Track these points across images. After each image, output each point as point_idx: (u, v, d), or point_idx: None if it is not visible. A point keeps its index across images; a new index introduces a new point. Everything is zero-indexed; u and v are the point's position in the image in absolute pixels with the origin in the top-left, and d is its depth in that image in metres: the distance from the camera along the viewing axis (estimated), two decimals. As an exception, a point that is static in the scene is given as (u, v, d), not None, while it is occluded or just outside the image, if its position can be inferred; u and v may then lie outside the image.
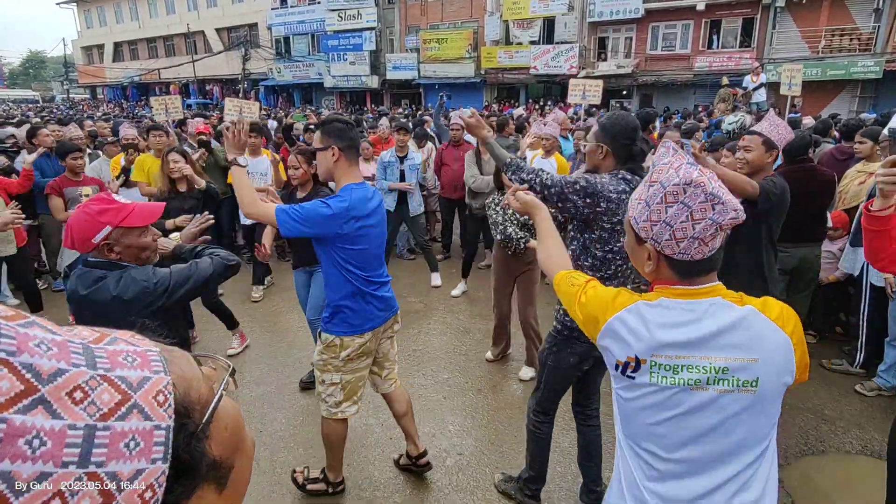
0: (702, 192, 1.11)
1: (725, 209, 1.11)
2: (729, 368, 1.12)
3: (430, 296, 5.58)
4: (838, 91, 17.98)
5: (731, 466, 1.16)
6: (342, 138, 2.27)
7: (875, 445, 3.17)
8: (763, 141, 2.92)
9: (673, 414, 1.16)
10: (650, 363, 1.15)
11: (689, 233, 1.12)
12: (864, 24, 17.46)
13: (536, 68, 21.19)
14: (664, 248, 1.16)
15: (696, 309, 1.16)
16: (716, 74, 17.61)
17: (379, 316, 2.47)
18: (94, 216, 1.80)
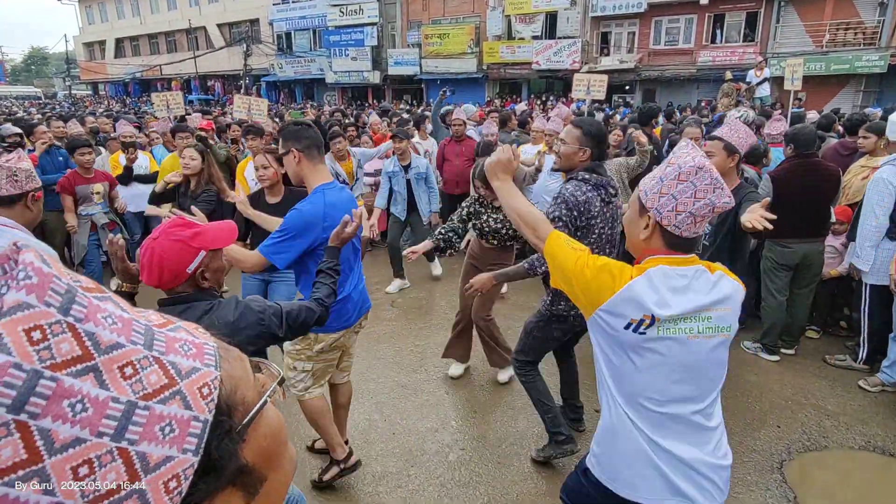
0: (709, 176, 1.35)
1: (723, 194, 1.35)
2: (712, 317, 1.41)
3: (432, 292, 5.59)
4: (842, 85, 17.88)
5: (710, 395, 1.47)
6: (299, 139, 2.30)
7: (878, 441, 3.16)
8: (724, 146, 2.95)
9: (673, 358, 1.40)
10: (662, 318, 1.35)
11: (689, 208, 1.35)
12: (868, 17, 17.34)
13: (538, 63, 21.10)
14: (663, 219, 1.38)
15: (688, 274, 1.40)
16: (719, 69, 17.50)
17: (353, 315, 2.54)
18: (188, 242, 1.56)
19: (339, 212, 2.25)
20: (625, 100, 20.16)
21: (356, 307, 2.56)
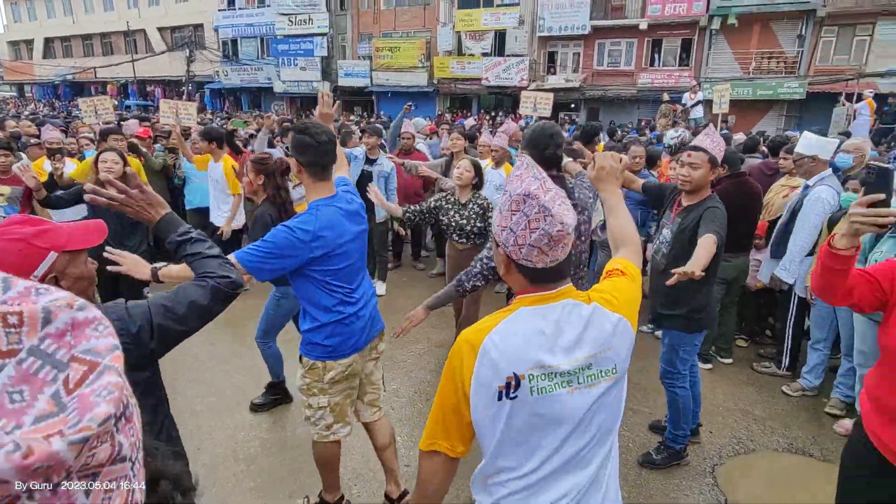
0: (536, 203, 1.18)
1: (554, 221, 1.16)
2: (593, 364, 1.23)
3: (382, 307, 5.53)
4: (767, 109, 19.22)
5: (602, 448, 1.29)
6: (304, 154, 2.15)
7: (799, 443, 3.37)
8: (709, 158, 2.79)
9: (549, 417, 1.21)
10: (528, 377, 1.18)
11: (528, 240, 1.19)
12: (789, 48, 18.79)
13: (488, 80, 21.55)
14: (511, 253, 1.23)
15: (553, 314, 1.23)
16: (657, 91, 18.43)
17: (362, 336, 2.35)
18: (30, 241, 1.27)
19: (334, 233, 2.14)
20: (570, 117, 20.85)
21: (365, 327, 2.35)
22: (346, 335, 2.27)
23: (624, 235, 1.58)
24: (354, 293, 2.29)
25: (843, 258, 1.63)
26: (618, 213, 1.63)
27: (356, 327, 2.30)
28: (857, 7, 17.50)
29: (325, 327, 2.24)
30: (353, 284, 2.29)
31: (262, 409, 3.63)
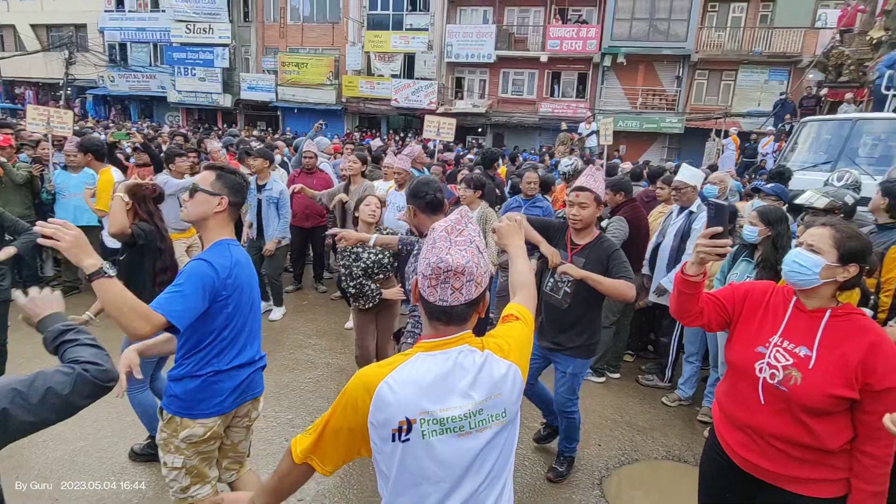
0: (432, 236, 1.29)
1: (435, 255, 1.25)
2: (483, 409, 1.27)
3: (279, 331, 5.28)
4: (653, 141, 21.16)
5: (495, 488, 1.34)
6: (237, 194, 2.11)
7: (675, 451, 3.65)
8: (595, 197, 2.93)
9: (441, 460, 1.25)
10: (420, 420, 1.22)
11: (421, 268, 1.28)
12: (669, 87, 20.90)
13: (397, 101, 21.75)
14: (419, 281, 1.29)
15: (448, 359, 1.26)
16: (557, 119, 19.66)
17: (230, 397, 2.12)
18: None
19: (245, 272, 2.09)
20: (477, 141, 21.57)
21: (237, 389, 2.13)
22: (211, 393, 2.06)
23: (522, 282, 1.69)
24: (234, 348, 2.11)
25: (693, 283, 1.84)
26: (520, 261, 1.75)
27: (224, 387, 2.09)
28: (723, 56, 19.94)
29: (189, 379, 2.05)
30: (240, 339, 2.13)
31: (144, 458, 3.17)
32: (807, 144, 8.07)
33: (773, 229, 3.31)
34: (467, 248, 1.26)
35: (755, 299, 1.92)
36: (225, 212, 2.08)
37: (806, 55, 17.96)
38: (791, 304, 1.83)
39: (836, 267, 1.70)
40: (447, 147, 9.87)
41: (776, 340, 1.79)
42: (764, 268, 3.31)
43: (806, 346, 1.72)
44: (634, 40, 20.06)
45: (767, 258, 3.29)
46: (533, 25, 21.59)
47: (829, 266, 1.70)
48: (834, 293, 1.77)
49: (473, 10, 22.05)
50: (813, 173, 6.71)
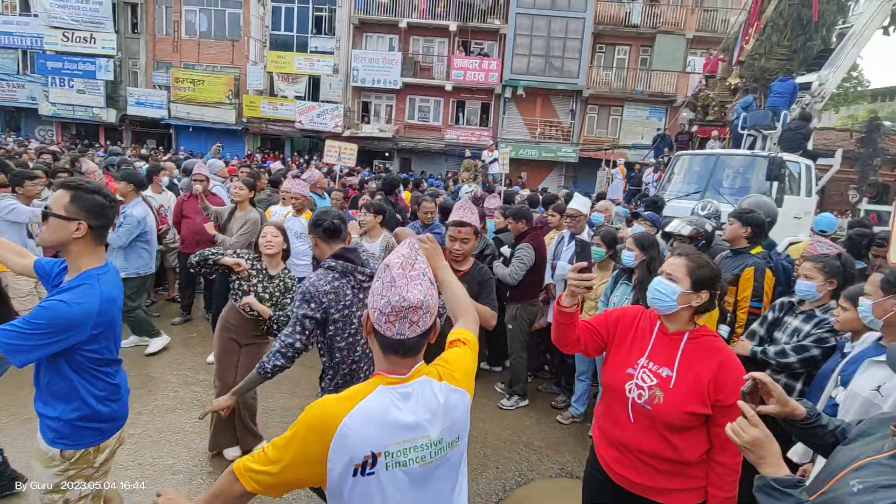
0: (388, 274, 1.30)
1: (394, 293, 1.27)
2: (443, 438, 1.33)
3: (163, 367, 4.84)
4: (551, 169, 22.46)
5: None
6: (98, 217, 1.90)
7: (569, 467, 3.79)
8: (474, 230, 3.04)
9: (403, 491, 1.28)
10: (384, 454, 1.24)
11: (378, 305, 1.29)
12: (564, 119, 22.41)
13: (302, 123, 21.31)
14: (372, 316, 1.31)
15: (409, 392, 1.30)
16: (462, 146, 20.28)
17: (126, 406, 2.17)
18: None
19: (117, 305, 1.98)
20: (384, 165, 21.65)
21: (126, 394, 2.17)
22: (118, 410, 2.09)
23: (461, 307, 1.72)
24: (117, 365, 2.11)
25: (568, 314, 1.97)
26: (453, 287, 1.78)
27: (124, 398, 2.14)
28: (610, 93, 21.80)
29: (96, 408, 1.98)
30: (116, 352, 2.09)
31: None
32: (681, 175, 8.96)
33: (647, 254, 3.62)
34: (422, 282, 1.30)
35: (626, 324, 2.06)
36: (85, 237, 1.89)
37: (679, 95, 20.11)
38: (656, 328, 1.98)
39: (690, 293, 1.88)
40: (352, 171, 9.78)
41: (643, 362, 1.93)
42: (640, 290, 3.58)
43: (668, 366, 1.87)
44: (532, 74, 21.36)
45: (643, 281, 3.57)
46: (438, 55, 22.27)
47: (684, 293, 1.87)
48: (691, 317, 1.94)
49: (379, 37, 22.33)
50: (685, 202, 7.43)
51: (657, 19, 21.33)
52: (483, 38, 22.12)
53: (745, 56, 10.35)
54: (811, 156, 8.66)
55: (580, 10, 20.87)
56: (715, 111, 10.91)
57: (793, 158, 8.00)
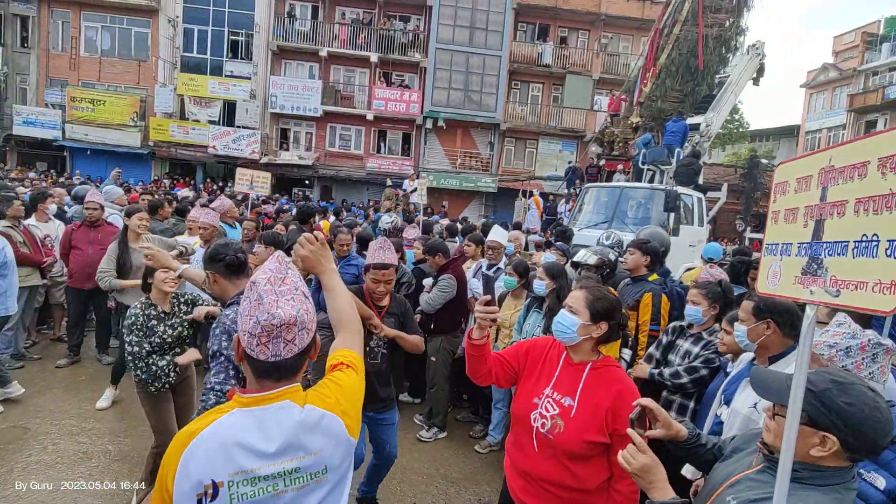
0: (255, 291, 1.22)
1: (263, 311, 1.19)
2: (300, 468, 1.22)
3: (46, 415, 4.32)
4: (471, 199, 23.03)
5: None
6: None
7: (486, 496, 3.78)
8: (395, 269, 3.06)
9: None
10: (227, 484, 1.15)
11: (247, 327, 1.20)
12: (483, 151, 23.17)
13: (215, 148, 20.43)
14: (242, 341, 1.22)
15: (264, 416, 1.20)
16: (384, 175, 20.33)
17: None
18: None
19: None
20: (304, 193, 21.18)
21: None
22: None
23: (342, 318, 1.59)
24: None
25: (479, 346, 2.01)
26: (336, 295, 1.63)
27: None
28: (526, 127, 22.91)
29: None
30: None
31: None
32: (590, 206, 9.51)
33: (557, 283, 3.77)
34: (294, 297, 1.22)
35: (536, 354, 2.12)
36: None
37: (588, 131, 21.50)
38: (562, 358, 2.05)
39: (590, 325, 1.96)
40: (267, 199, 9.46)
41: (548, 392, 1.98)
42: (550, 318, 3.71)
43: (570, 396, 1.93)
44: (452, 107, 22.01)
45: (553, 309, 3.70)
46: (359, 85, 22.37)
47: (584, 324, 1.96)
48: (594, 347, 2.03)
49: (299, 65, 22.12)
50: (595, 231, 7.87)
51: (567, 60, 22.86)
52: (404, 70, 22.56)
53: (644, 97, 11.28)
54: (702, 189, 9.55)
55: (496, 48, 21.92)
56: (619, 147, 11.75)
57: (686, 191, 8.77)
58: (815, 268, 1.33)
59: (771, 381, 1.36)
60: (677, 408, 2.94)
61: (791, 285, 1.41)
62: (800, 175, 1.47)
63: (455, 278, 4.54)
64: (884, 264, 1.14)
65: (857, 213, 1.23)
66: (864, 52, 29.47)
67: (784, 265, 1.47)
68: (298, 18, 21.74)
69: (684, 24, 10.70)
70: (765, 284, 1.52)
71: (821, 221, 1.36)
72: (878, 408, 1.22)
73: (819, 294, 1.30)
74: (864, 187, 1.22)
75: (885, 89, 27.43)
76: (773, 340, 2.24)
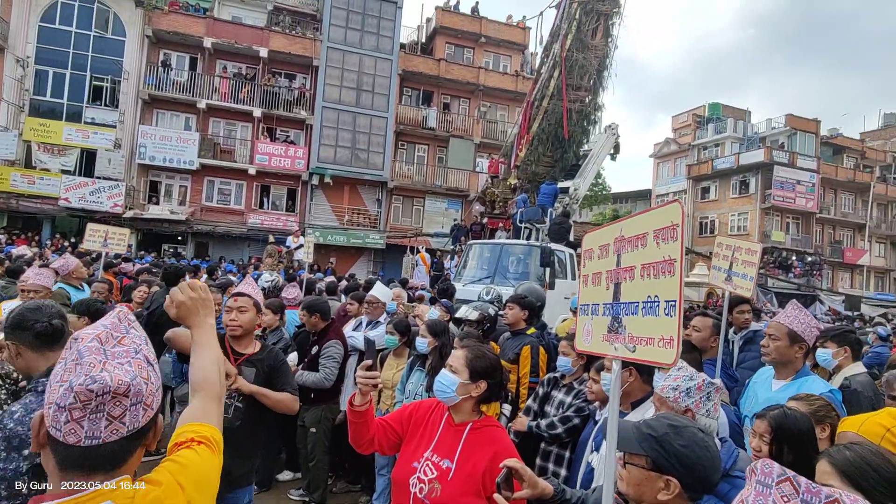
0: (75, 348, 0.95)
1: (80, 373, 0.91)
2: None
3: None
4: (360, 255, 22.80)
5: None
6: None
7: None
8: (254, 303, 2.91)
9: None
10: None
11: (55, 397, 0.91)
12: (372, 207, 23.29)
13: (68, 200, 18.24)
14: (47, 418, 0.92)
15: None
16: (267, 231, 19.47)
17: None
18: None
19: None
20: (175, 250, 19.53)
21: None
22: None
23: (204, 379, 1.32)
24: None
25: (361, 413, 1.91)
26: (203, 352, 1.39)
27: None
28: (413, 185, 23.55)
29: None
30: None
31: None
32: (474, 262, 9.85)
33: (439, 340, 3.75)
34: (132, 360, 0.96)
35: (419, 417, 2.05)
36: None
37: (472, 191, 22.60)
38: (443, 419, 2.00)
39: (469, 384, 1.95)
40: (127, 258, 8.54)
41: (428, 454, 1.91)
42: (433, 376, 3.66)
43: (449, 458, 1.87)
44: (339, 164, 22.03)
45: (436, 367, 3.66)
46: (241, 139, 21.64)
47: (463, 384, 1.94)
48: (475, 406, 2.00)
49: (174, 115, 20.94)
50: (478, 286, 8.10)
51: (450, 125, 24.21)
52: (289, 126, 22.30)
53: (520, 161, 12.21)
54: (573, 245, 10.35)
55: (383, 110, 22.61)
56: (500, 206, 12.46)
57: (559, 248, 9.45)
58: (617, 326, 1.47)
59: (620, 431, 1.43)
60: (555, 458, 2.99)
61: (600, 342, 1.57)
62: (601, 243, 1.64)
63: (341, 343, 4.35)
64: (663, 322, 1.28)
65: (643, 278, 1.39)
66: (696, 130, 34.95)
67: (594, 324, 1.62)
68: (174, 68, 20.75)
69: (552, 99, 11.91)
70: (581, 342, 1.70)
71: (618, 284, 1.51)
72: (708, 447, 1.34)
73: (621, 350, 1.45)
74: (646, 255, 1.39)
75: (713, 161, 32.55)
76: (634, 387, 2.39)
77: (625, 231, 1.49)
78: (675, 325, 1.24)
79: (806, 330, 2.64)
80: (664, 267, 1.30)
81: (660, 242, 1.33)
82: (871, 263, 32.80)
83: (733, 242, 3.88)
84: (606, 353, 1.52)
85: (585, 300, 1.67)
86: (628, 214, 1.69)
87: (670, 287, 1.27)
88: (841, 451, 1.31)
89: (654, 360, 1.29)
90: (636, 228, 1.44)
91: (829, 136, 34.05)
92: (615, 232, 1.54)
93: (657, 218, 1.35)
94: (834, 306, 25.61)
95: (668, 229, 1.31)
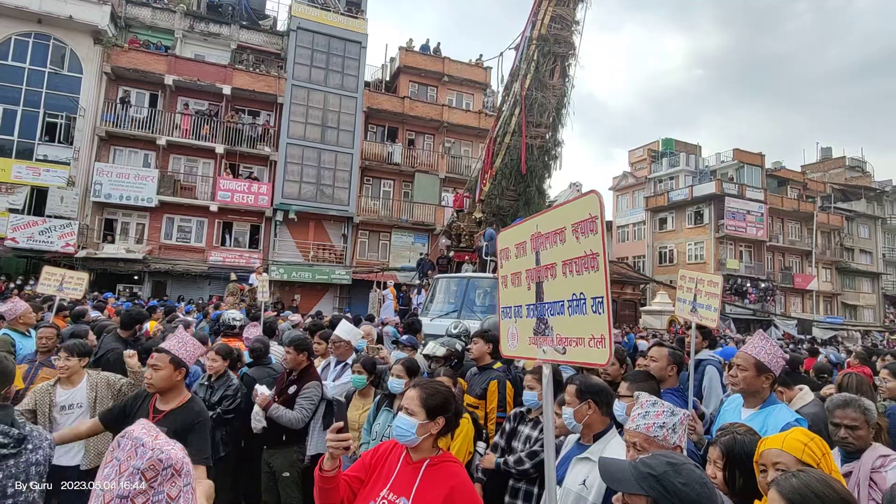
0: (130, 440, 0.95)
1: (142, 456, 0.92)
2: None
3: None
4: (325, 291, 22.45)
5: None
6: None
7: None
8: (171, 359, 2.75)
9: None
10: None
11: (117, 490, 0.90)
12: (337, 243, 23.11)
13: (16, 241, 17.43)
14: None
15: None
16: (229, 269, 19.01)
17: None
18: None
19: None
20: (131, 290, 18.82)
21: None
22: None
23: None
24: None
25: (330, 478, 1.86)
26: None
27: None
28: (379, 220, 23.56)
29: None
30: None
31: None
32: (441, 296, 9.86)
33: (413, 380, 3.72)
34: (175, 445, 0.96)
35: (378, 458, 2.03)
36: None
37: (438, 225, 22.77)
38: (401, 458, 1.98)
39: (428, 423, 1.95)
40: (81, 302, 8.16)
41: (385, 493, 1.89)
42: (401, 415, 3.63)
43: (405, 495, 1.86)
44: (304, 200, 21.89)
45: (404, 405, 3.63)
46: (202, 175, 21.30)
47: (421, 424, 1.94)
48: (434, 443, 1.99)
49: (132, 152, 20.48)
50: (445, 320, 8.09)
51: (415, 160, 24.52)
52: (253, 162, 22.12)
53: (485, 195, 12.42)
54: (538, 278, 10.51)
55: (348, 146, 22.74)
56: (466, 239, 12.58)
57: (524, 280, 9.57)
58: (543, 328, 1.39)
59: (616, 471, 1.41)
60: (523, 495, 2.97)
61: (527, 346, 1.47)
62: (517, 241, 1.55)
63: (321, 386, 4.23)
64: (592, 320, 1.22)
65: (565, 275, 1.31)
66: (651, 164, 36.45)
67: (519, 327, 1.52)
68: (134, 105, 20.44)
69: (513, 135, 12.27)
70: (506, 347, 1.59)
71: (540, 283, 1.42)
72: (706, 483, 1.34)
73: (550, 353, 1.37)
74: (566, 251, 1.32)
75: (668, 193, 33.90)
76: (594, 419, 2.43)
77: (541, 227, 1.41)
78: (605, 322, 1.18)
79: (772, 360, 2.68)
80: (587, 262, 1.23)
81: (579, 237, 1.26)
82: (819, 288, 34.39)
83: (696, 275, 4.02)
84: (534, 356, 1.43)
85: (507, 302, 1.58)
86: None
87: (595, 283, 1.20)
88: (788, 479, 1.36)
89: (587, 360, 1.23)
90: (553, 223, 1.35)
91: (773, 169, 36.09)
92: (531, 228, 1.45)
93: (574, 211, 1.27)
94: (788, 330, 26.65)
95: (587, 222, 1.24)
